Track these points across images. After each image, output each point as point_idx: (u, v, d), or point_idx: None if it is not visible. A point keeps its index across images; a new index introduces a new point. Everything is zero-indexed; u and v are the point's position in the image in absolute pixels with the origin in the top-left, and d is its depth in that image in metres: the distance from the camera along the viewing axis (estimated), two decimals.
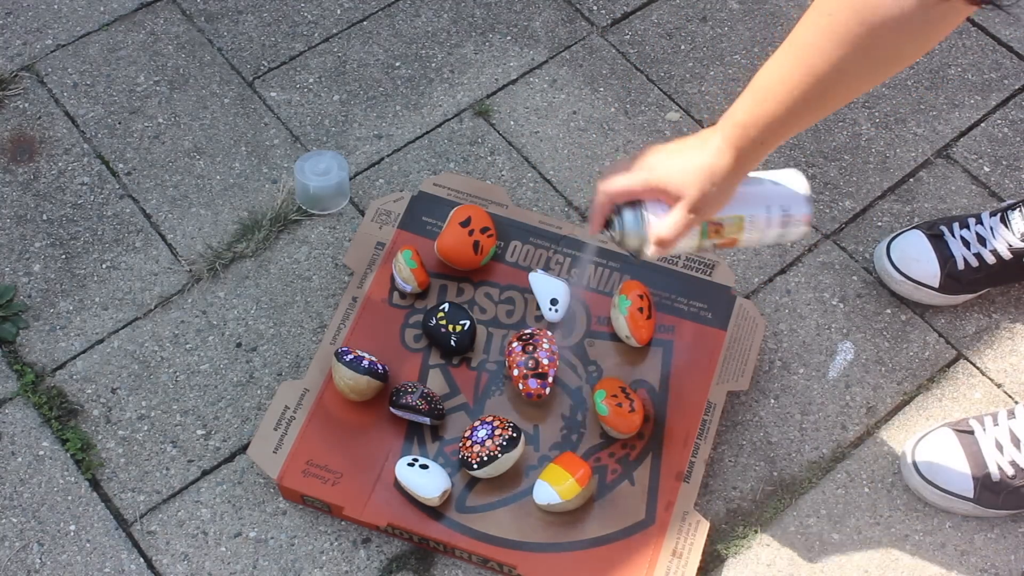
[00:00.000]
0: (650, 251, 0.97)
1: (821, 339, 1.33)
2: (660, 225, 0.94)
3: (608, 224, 0.99)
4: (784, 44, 0.84)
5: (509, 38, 1.58)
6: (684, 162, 0.92)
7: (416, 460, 1.15)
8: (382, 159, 1.46)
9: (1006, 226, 1.28)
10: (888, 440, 1.26)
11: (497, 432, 1.13)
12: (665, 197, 0.93)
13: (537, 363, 1.18)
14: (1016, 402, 1.27)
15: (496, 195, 1.36)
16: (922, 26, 0.78)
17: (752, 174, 0.98)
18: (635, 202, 0.96)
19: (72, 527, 1.19)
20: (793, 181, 1.01)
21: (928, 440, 1.21)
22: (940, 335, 1.33)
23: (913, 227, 1.35)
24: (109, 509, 1.20)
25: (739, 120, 0.88)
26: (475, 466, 1.13)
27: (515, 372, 1.19)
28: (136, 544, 1.18)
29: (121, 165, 1.45)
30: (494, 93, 1.52)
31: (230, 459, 1.23)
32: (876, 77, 0.84)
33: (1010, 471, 1.17)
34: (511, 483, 1.16)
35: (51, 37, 1.56)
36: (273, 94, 1.52)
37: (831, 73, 0.81)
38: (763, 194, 1.00)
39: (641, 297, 1.23)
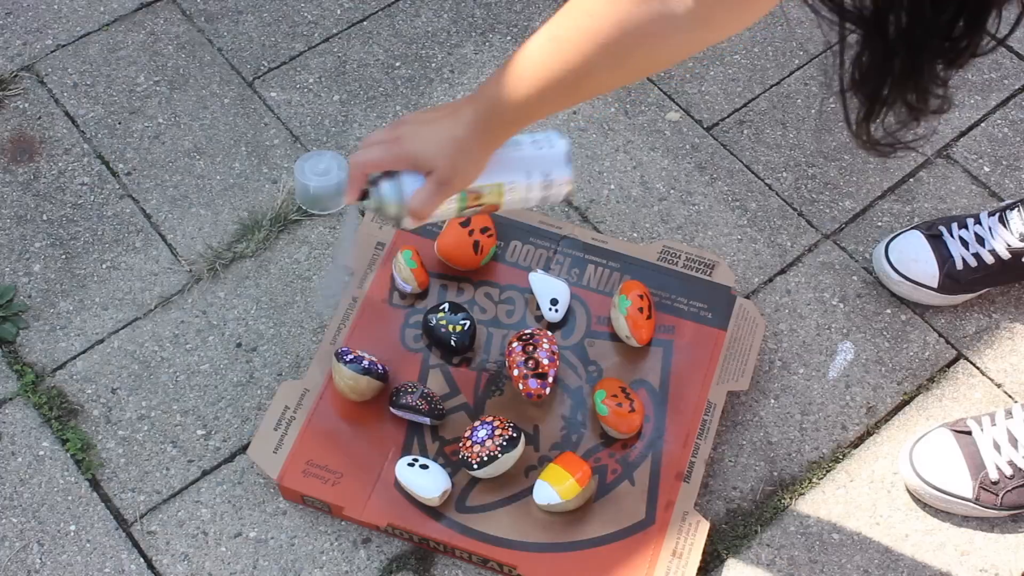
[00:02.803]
0: (406, 222, 0.98)
1: (821, 339, 1.33)
2: (413, 197, 0.95)
3: (365, 195, 0.99)
4: (545, 29, 0.85)
5: (509, 38, 1.58)
6: (434, 134, 0.93)
7: (416, 460, 1.15)
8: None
9: (1005, 226, 1.28)
10: (888, 440, 1.26)
11: (497, 432, 1.13)
12: (417, 168, 0.94)
13: (537, 363, 1.18)
14: (1015, 402, 1.27)
15: None
16: (688, 39, 0.80)
17: (518, 138, 1.00)
18: (392, 172, 0.96)
19: (72, 527, 1.19)
20: (554, 143, 1.02)
21: (926, 441, 1.21)
22: (940, 335, 1.33)
23: (912, 227, 1.35)
24: (109, 509, 1.20)
25: (492, 97, 0.89)
26: (475, 466, 1.13)
27: (515, 372, 1.19)
28: (136, 544, 1.18)
29: (121, 165, 1.45)
30: None
31: (230, 459, 1.23)
32: (628, 79, 0.87)
33: (1008, 471, 1.17)
34: (511, 483, 1.16)
35: (51, 37, 1.56)
36: (273, 94, 1.52)
37: (585, 69, 0.83)
38: (522, 159, 1.00)
39: (641, 297, 1.23)
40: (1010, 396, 1.29)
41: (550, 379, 1.19)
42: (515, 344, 1.21)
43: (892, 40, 0.58)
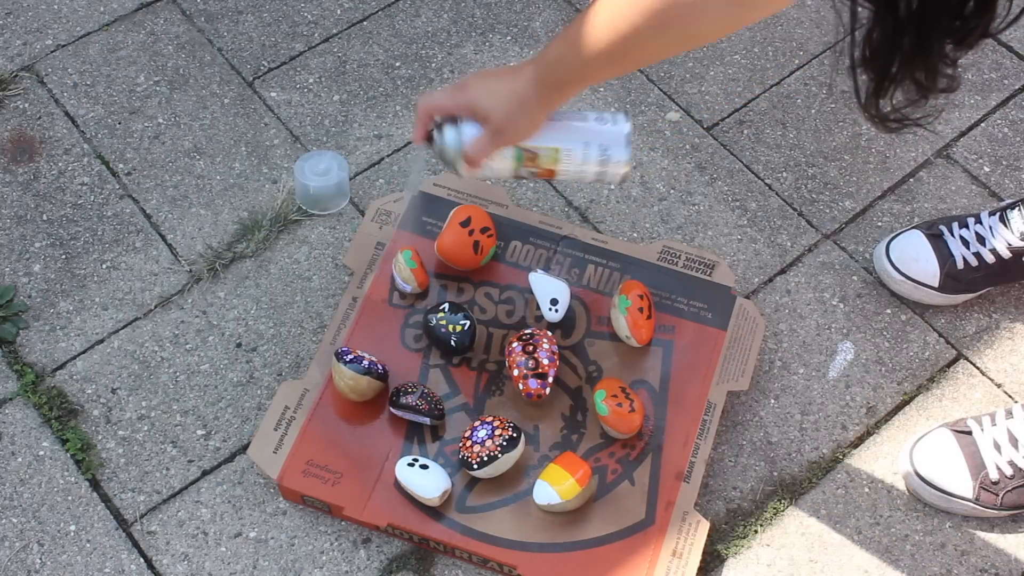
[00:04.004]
0: (461, 168, 1.03)
1: (821, 339, 1.33)
2: (469, 144, 1.01)
3: (430, 138, 1.05)
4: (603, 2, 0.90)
5: (509, 38, 1.58)
6: (496, 87, 0.99)
7: (416, 460, 1.15)
8: (382, 159, 1.46)
9: (1005, 225, 1.28)
10: (888, 440, 1.26)
11: (497, 432, 1.13)
12: (475, 117, 1.00)
13: (537, 363, 1.18)
14: (1016, 402, 1.27)
15: (496, 195, 1.36)
16: (725, 14, 0.83)
17: (585, 111, 1.05)
18: (456, 120, 1.02)
19: (72, 527, 1.19)
20: (618, 122, 1.05)
21: (926, 441, 1.21)
22: (940, 335, 1.33)
23: (912, 227, 1.35)
24: (109, 509, 1.20)
25: (549, 59, 0.95)
26: (475, 466, 1.13)
27: (515, 372, 1.19)
28: (136, 544, 1.18)
29: (121, 165, 1.45)
30: None
31: (230, 459, 1.23)
32: (674, 49, 0.92)
33: (1008, 471, 1.17)
34: (511, 483, 1.16)
35: (51, 37, 1.56)
36: (273, 94, 1.52)
37: (633, 37, 0.87)
38: (583, 130, 1.04)
39: (641, 297, 1.23)
40: (1010, 396, 1.29)
41: (550, 379, 1.19)
42: (515, 344, 1.21)
43: (902, 18, 0.58)
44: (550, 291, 1.27)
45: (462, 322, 1.23)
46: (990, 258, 1.29)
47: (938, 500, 1.19)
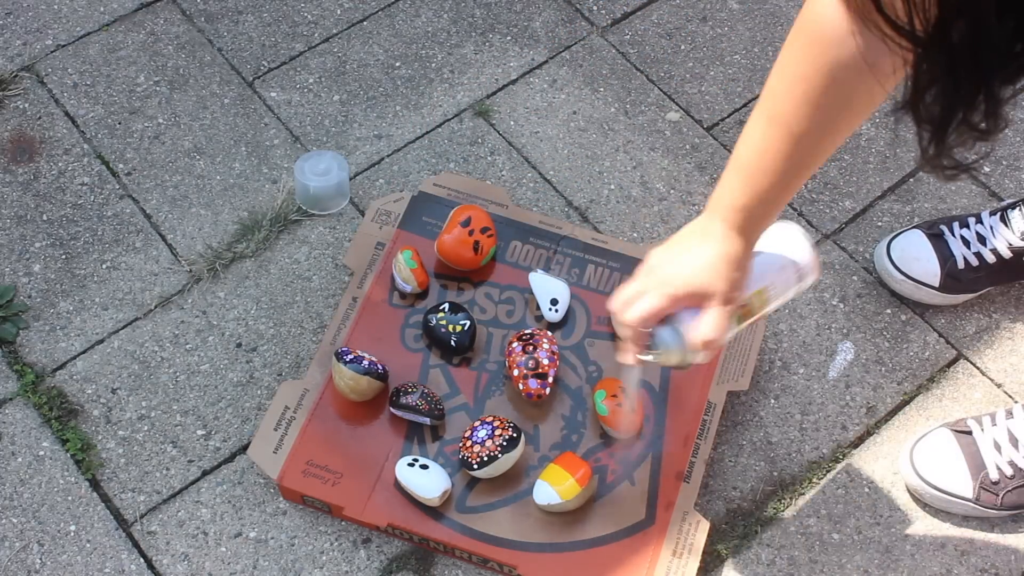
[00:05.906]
0: (699, 358, 0.94)
1: (821, 339, 1.33)
2: (703, 329, 0.91)
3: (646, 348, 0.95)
4: (758, 116, 0.84)
5: (509, 38, 1.58)
6: (699, 260, 0.90)
7: (416, 460, 1.15)
8: (382, 159, 1.46)
9: (1006, 225, 1.28)
10: (888, 440, 1.26)
11: (497, 432, 1.13)
12: (693, 302, 0.91)
13: (537, 363, 1.18)
14: (1016, 402, 1.27)
15: (496, 195, 1.36)
16: (875, 68, 0.78)
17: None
18: (663, 319, 0.93)
19: (72, 527, 1.19)
20: (791, 234, 1.00)
21: (926, 441, 1.21)
22: (940, 335, 1.33)
23: (913, 227, 1.35)
24: (109, 509, 1.20)
25: (737, 202, 0.88)
26: (475, 466, 1.13)
27: (515, 372, 1.19)
28: (136, 544, 1.18)
29: (121, 165, 1.45)
30: (494, 93, 1.52)
31: (230, 459, 1.23)
32: (855, 124, 0.85)
33: (1008, 471, 1.17)
34: (511, 483, 1.16)
35: (51, 37, 1.56)
36: (273, 94, 1.52)
37: (814, 134, 0.82)
38: (771, 260, 0.99)
39: None
40: (1010, 396, 1.29)
41: (550, 379, 1.19)
42: (515, 344, 1.21)
43: (954, 58, 0.57)
44: (550, 291, 1.27)
45: (462, 322, 1.23)
46: (991, 258, 1.29)
47: (938, 500, 1.19)
